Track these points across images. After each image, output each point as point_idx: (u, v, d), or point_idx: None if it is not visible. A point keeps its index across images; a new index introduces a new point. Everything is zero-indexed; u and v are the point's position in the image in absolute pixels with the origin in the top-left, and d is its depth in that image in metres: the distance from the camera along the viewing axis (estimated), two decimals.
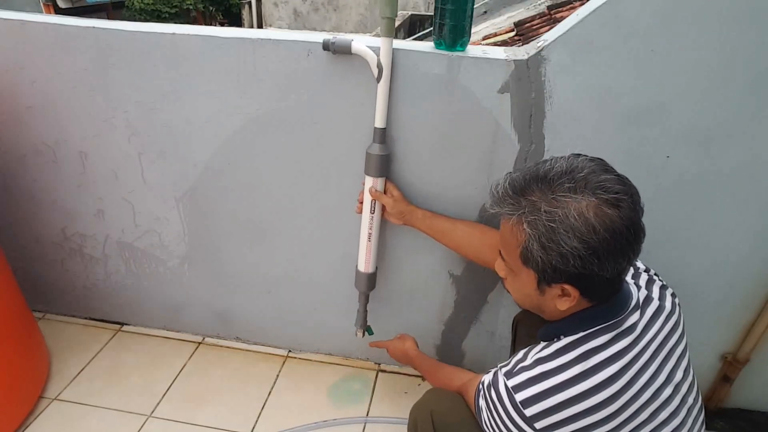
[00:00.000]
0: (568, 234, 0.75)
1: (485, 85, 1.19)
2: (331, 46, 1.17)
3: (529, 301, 0.89)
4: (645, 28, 1.07)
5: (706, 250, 1.31)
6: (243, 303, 1.69)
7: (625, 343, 0.83)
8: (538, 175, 0.80)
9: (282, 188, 1.44)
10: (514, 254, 0.84)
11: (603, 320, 0.83)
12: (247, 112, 1.33)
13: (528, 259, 0.81)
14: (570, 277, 0.79)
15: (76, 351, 1.72)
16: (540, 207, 0.77)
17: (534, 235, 0.78)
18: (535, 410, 0.81)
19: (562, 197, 0.76)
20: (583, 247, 0.75)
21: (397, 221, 1.33)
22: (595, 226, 0.74)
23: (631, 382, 0.81)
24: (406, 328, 1.52)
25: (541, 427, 0.80)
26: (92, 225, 1.62)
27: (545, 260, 0.78)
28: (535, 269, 0.81)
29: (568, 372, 0.81)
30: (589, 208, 0.75)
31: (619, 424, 0.80)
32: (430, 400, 1.08)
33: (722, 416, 1.55)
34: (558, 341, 0.86)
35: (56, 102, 1.42)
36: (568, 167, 0.79)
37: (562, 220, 0.75)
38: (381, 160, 1.26)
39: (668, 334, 0.88)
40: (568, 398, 0.80)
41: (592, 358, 0.81)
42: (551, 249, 0.77)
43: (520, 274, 0.85)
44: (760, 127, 1.14)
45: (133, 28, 1.29)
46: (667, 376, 0.85)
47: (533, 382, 0.82)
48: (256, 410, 1.55)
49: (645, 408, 0.82)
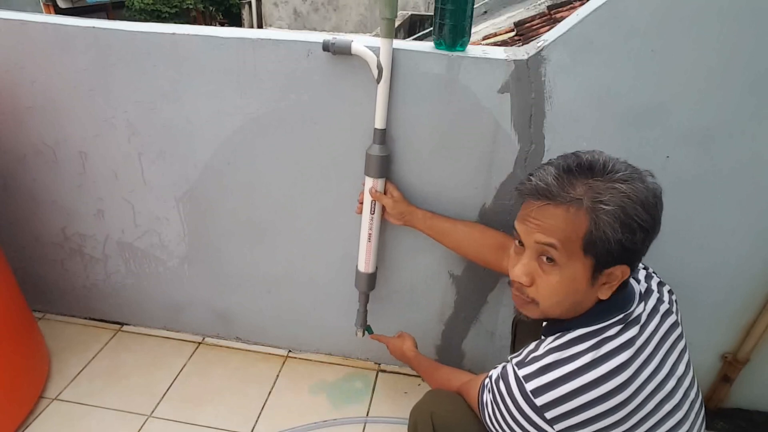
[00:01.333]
0: (635, 205, 0.76)
1: (485, 85, 1.19)
2: (331, 46, 1.17)
3: (570, 301, 0.84)
4: (645, 27, 1.07)
5: (706, 250, 1.31)
6: (243, 303, 1.69)
7: (633, 333, 0.83)
8: (581, 164, 0.80)
9: (282, 188, 1.44)
10: (574, 244, 0.79)
11: (617, 312, 0.84)
12: (247, 112, 1.33)
13: (592, 243, 0.78)
14: (630, 255, 0.79)
15: (76, 351, 1.72)
16: (606, 186, 0.77)
17: (611, 212, 0.76)
18: (546, 399, 0.80)
19: (613, 174, 0.78)
20: (649, 217, 0.77)
21: (397, 222, 1.33)
22: (654, 193, 0.78)
23: (639, 370, 0.81)
24: (406, 328, 1.52)
25: (552, 416, 0.79)
26: (92, 225, 1.62)
27: (615, 239, 0.76)
28: (596, 255, 0.78)
29: (579, 360, 0.81)
30: (635, 180, 0.78)
31: (629, 413, 0.79)
32: (430, 401, 1.08)
33: (722, 416, 1.54)
34: (571, 332, 0.85)
35: (56, 102, 1.42)
36: (595, 155, 0.82)
37: (628, 193, 0.76)
38: (381, 161, 1.26)
39: (669, 329, 0.89)
40: (580, 386, 0.79)
41: (602, 347, 0.81)
42: (624, 224, 0.76)
43: (569, 267, 0.80)
44: (760, 127, 1.14)
45: (133, 28, 1.29)
46: (670, 369, 0.85)
47: (545, 371, 0.81)
48: (256, 410, 1.55)
49: (651, 398, 0.82)
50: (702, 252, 1.31)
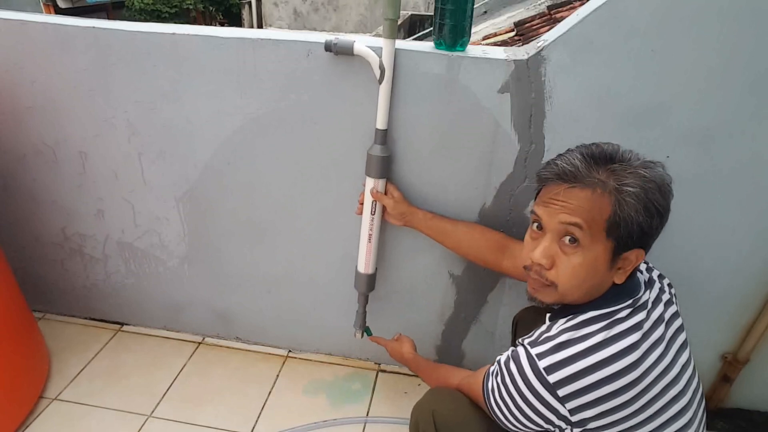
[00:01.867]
0: (654, 191, 0.80)
1: (485, 85, 1.19)
2: (334, 47, 1.17)
3: (589, 284, 0.85)
4: (645, 27, 1.07)
5: (707, 250, 1.31)
6: (243, 303, 1.69)
7: (642, 317, 0.85)
8: (603, 152, 0.84)
9: (282, 188, 1.44)
10: (598, 226, 0.81)
11: (627, 297, 0.86)
12: (247, 112, 1.33)
13: (614, 226, 0.80)
14: (648, 239, 0.83)
15: (76, 351, 1.72)
16: (627, 171, 0.81)
17: (631, 194, 0.79)
18: (558, 376, 0.80)
19: (633, 162, 0.82)
20: (665, 202, 0.81)
21: (398, 222, 1.33)
22: (666, 181, 0.82)
23: (647, 353, 0.82)
24: (406, 328, 1.52)
25: (564, 394, 0.80)
26: (92, 225, 1.62)
27: (636, 221, 0.79)
28: (617, 238, 0.81)
29: (592, 339, 0.82)
30: (648, 168, 0.81)
31: (637, 393, 0.80)
32: (431, 399, 1.08)
33: (722, 416, 1.55)
34: (582, 314, 0.86)
35: (56, 102, 1.42)
36: (614, 146, 0.85)
37: (648, 178, 0.80)
38: (382, 162, 1.26)
39: (671, 319, 0.91)
40: (593, 363, 0.80)
41: (615, 327, 0.83)
42: (647, 207, 0.79)
43: (592, 249, 0.82)
44: (760, 127, 1.14)
45: (133, 28, 1.29)
46: (674, 356, 0.86)
47: (558, 349, 0.82)
48: (256, 410, 1.55)
49: (657, 382, 0.83)
50: (702, 252, 1.32)
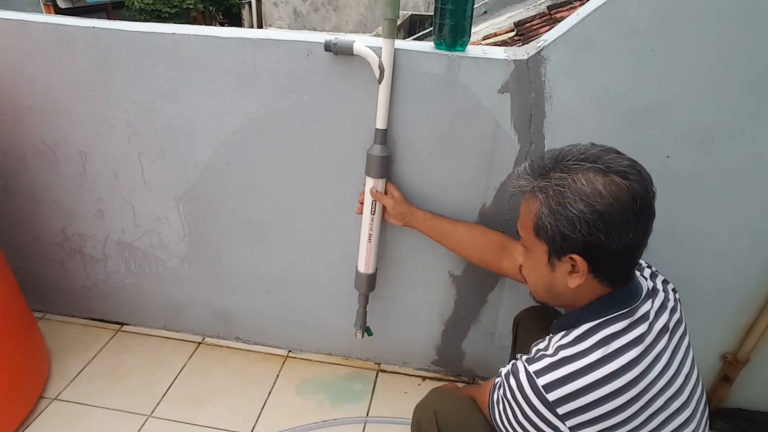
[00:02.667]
0: (575, 197, 0.78)
1: (485, 85, 1.19)
2: (333, 47, 1.17)
3: (543, 283, 0.89)
4: (645, 27, 1.07)
5: (706, 250, 1.31)
6: (243, 303, 1.69)
7: (641, 330, 0.83)
8: (555, 156, 0.85)
9: (282, 188, 1.44)
10: (528, 228, 0.86)
11: (619, 307, 0.84)
12: (247, 112, 1.33)
13: (540, 228, 0.84)
14: (577, 246, 0.80)
15: (76, 351, 1.72)
16: (551, 176, 0.82)
17: (544, 200, 0.82)
18: (558, 394, 0.80)
19: (573, 165, 0.81)
20: (589, 210, 0.77)
21: (398, 222, 1.33)
22: (601, 191, 0.77)
23: (648, 368, 0.82)
24: (406, 328, 1.52)
25: (564, 412, 0.79)
26: (92, 225, 1.62)
27: (554, 226, 0.81)
28: (546, 240, 0.84)
29: (589, 357, 0.81)
30: (598, 175, 0.79)
31: (638, 409, 0.80)
32: (434, 399, 1.08)
33: (722, 416, 1.55)
34: (575, 329, 0.86)
35: (56, 102, 1.42)
36: (584, 150, 0.84)
37: (569, 185, 0.79)
38: (382, 162, 1.26)
39: (675, 326, 0.89)
40: (592, 382, 0.79)
41: (612, 344, 0.82)
42: (559, 213, 0.80)
43: (533, 250, 0.88)
44: (760, 127, 1.14)
45: (133, 28, 1.29)
46: (678, 366, 0.86)
47: (555, 367, 0.82)
48: (256, 410, 1.55)
49: (660, 395, 0.82)
50: (702, 252, 1.31)
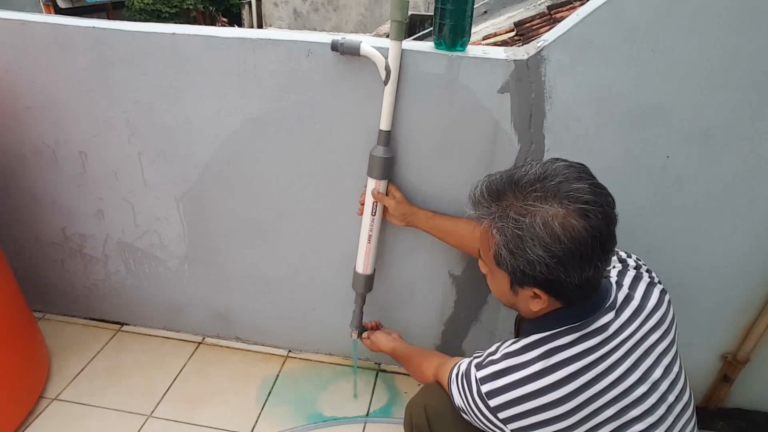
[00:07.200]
0: (533, 242, 0.78)
1: (485, 85, 1.19)
2: (340, 47, 1.17)
3: (506, 299, 0.93)
4: (645, 27, 1.07)
5: (706, 250, 1.31)
6: (243, 303, 1.69)
7: (592, 343, 0.85)
8: (512, 179, 0.83)
9: (282, 188, 1.44)
10: (488, 256, 0.88)
11: (570, 321, 0.87)
12: (247, 112, 1.33)
13: (499, 262, 0.85)
14: (538, 282, 0.82)
15: (76, 351, 1.72)
16: (509, 214, 0.81)
17: (502, 241, 0.82)
18: (498, 401, 0.86)
19: (530, 205, 0.79)
20: (548, 255, 0.78)
21: (400, 223, 1.33)
22: (560, 236, 0.77)
23: (595, 380, 0.84)
24: (405, 328, 1.52)
25: (504, 417, 0.86)
26: (92, 225, 1.62)
27: (514, 265, 0.82)
28: (507, 271, 0.85)
29: (530, 368, 0.86)
30: (556, 218, 0.77)
31: (581, 419, 0.83)
32: (423, 394, 1.12)
33: (722, 416, 1.55)
34: (526, 338, 0.90)
35: (56, 102, 1.42)
36: (542, 173, 0.81)
37: (528, 229, 0.78)
38: (385, 163, 1.26)
39: (647, 333, 0.89)
40: (529, 392, 0.85)
41: (553, 357, 0.86)
42: (518, 255, 0.80)
43: (495, 274, 0.89)
44: (761, 128, 1.14)
45: (133, 28, 1.29)
46: (642, 375, 0.86)
47: (498, 376, 0.88)
48: (256, 410, 1.55)
49: (611, 405, 0.84)
50: (702, 252, 1.31)
